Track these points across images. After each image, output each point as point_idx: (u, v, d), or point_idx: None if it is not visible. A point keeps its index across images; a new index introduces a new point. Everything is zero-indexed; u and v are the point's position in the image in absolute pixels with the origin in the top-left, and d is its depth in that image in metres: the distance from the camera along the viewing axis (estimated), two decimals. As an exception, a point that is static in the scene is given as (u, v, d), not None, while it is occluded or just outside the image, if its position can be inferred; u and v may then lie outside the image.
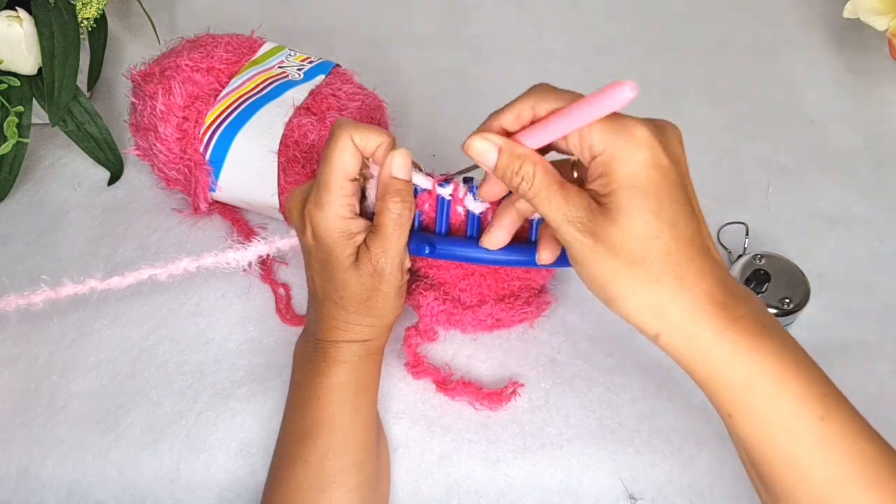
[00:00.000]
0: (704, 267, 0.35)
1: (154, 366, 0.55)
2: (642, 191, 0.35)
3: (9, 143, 0.59)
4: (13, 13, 0.60)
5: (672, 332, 0.36)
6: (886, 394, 0.55)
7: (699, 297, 0.35)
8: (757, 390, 0.35)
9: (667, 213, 0.35)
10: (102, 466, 0.51)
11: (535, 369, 0.55)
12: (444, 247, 0.46)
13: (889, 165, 0.69)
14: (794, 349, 0.36)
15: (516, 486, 0.51)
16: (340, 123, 0.44)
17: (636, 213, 0.35)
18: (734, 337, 0.35)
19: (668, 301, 0.35)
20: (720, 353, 0.35)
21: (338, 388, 0.47)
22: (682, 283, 0.35)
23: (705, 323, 0.35)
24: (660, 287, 0.35)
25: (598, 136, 0.35)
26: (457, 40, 0.79)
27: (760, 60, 0.77)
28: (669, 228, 0.35)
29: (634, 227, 0.35)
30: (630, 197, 0.35)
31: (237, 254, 0.50)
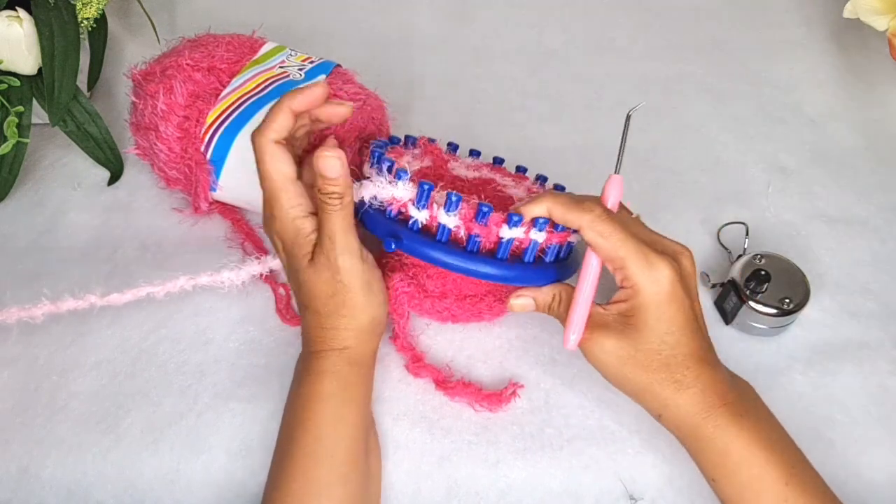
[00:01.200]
0: (700, 372, 0.45)
1: (154, 366, 0.55)
2: (657, 319, 0.44)
3: (9, 143, 0.59)
4: (13, 13, 0.60)
5: (670, 416, 0.46)
6: (886, 394, 0.55)
7: (694, 395, 0.45)
8: (732, 457, 0.44)
9: (673, 336, 0.44)
10: (102, 466, 0.51)
11: (535, 369, 0.55)
12: (412, 244, 0.46)
13: (889, 165, 0.69)
14: (767, 428, 0.45)
15: (516, 487, 0.51)
16: (255, 132, 0.47)
17: (647, 336, 0.44)
18: (718, 419, 0.44)
19: (668, 398, 0.45)
20: (706, 430, 0.44)
21: (322, 398, 0.47)
22: (679, 387, 0.45)
23: (697, 412, 0.45)
24: (662, 389, 0.45)
25: (630, 270, 0.44)
26: (457, 41, 0.79)
27: (760, 60, 0.77)
28: (670, 348, 0.44)
29: (644, 345, 0.45)
30: (644, 325, 0.44)
31: (232, 273, 0.51)
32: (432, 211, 0.46)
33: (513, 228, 0.46)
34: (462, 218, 0.46)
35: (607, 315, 0.46)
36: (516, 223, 0.46)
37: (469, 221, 0.46)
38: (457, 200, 0.45)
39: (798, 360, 0.57)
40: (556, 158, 0.69)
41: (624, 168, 0.69)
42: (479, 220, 0.46)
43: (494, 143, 0.70)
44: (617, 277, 0.46)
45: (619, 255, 0.44)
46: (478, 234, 0.46)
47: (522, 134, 0.71)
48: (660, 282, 0.44)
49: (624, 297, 0.45)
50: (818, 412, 0.54)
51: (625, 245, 0.44)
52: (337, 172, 0.45)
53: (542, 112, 0.73)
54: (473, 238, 0.47)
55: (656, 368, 0.45)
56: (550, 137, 0.71)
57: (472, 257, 0.47)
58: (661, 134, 0.72)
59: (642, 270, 0.44)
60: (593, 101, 0.74)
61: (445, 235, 0.46)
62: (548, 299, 0.49)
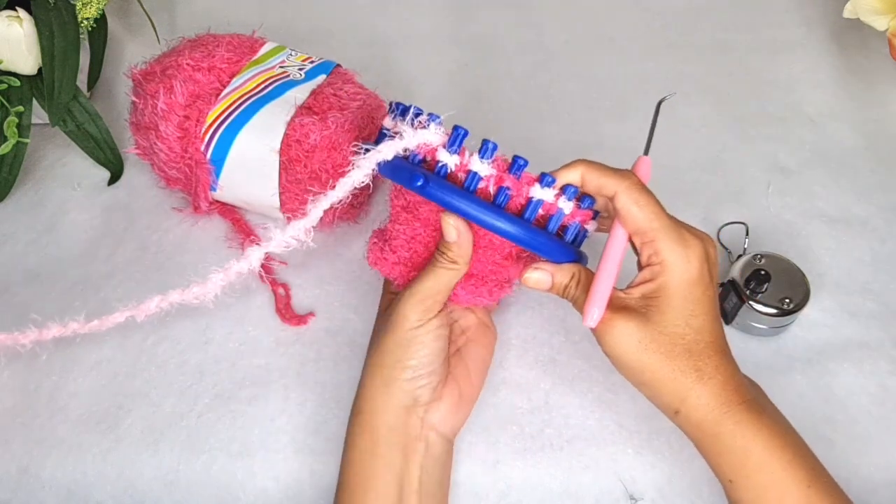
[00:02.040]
0: (721, 363, 0.43)
1: (154, 366, 0.55)
2: (684, 299, 0.43)
3: (9, 143, 0.59)
4: (13, 13, 0.60)
5: (690, 412, 0.43)
6: (886, 394, 0.55)
7: (715, 386, 0.43)
8: (753, 458, 0.42)
9: (698, 320, 0.43)
10: (102, 466, 0.51)
11: (535, 369, 0.55)
12: (438, 187, 0.43)
13: (889, 165, 0.69)
14: (785, 428, 0.43)
15: (516, 488, 0.51)
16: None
17: (672, 319, 0.43)
18: (738, 416, 0.42)
19: (689, 388, 0.43)
20: (725, 427, 0.42)
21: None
22: (701, 376, 0.43)
23: (717, 406, 0.42)
24: (684, 377, 0.43)
25: (662, 244, 0.43)
26: (457, 41, 0.79)
27: (760, 60, 0.77)
28: (695, 332, 0.43)
29: (668, 328, 0.43)
30: (670, 306, 0.43)
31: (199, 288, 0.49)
32: (464, 158, 0.43)
33: (544, 189, 0.44)
34: (496, 167, 0.44)
35: (628, 298, 0.44)
36: (549, 183, 0.44)
37: (502, 171, 0.44)
38: (493, 147, 0.43)
39: (798, 360, 0.57)
40: (556, 158, 0.69)
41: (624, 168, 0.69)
42: (513, 172, 0.44)
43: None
44: (643, 254, 0.44)
45: (652, 227, 0.42)
46: (509, 186, 0.44)
47: (522, 134, 0.71)
48: (690, 260, 0.42)
49: (650, 275, 0.43)
50: (818, 412, 0.54)
51: (659, 218, 0.43)
52: (453, 238, 0.45)
53: (542, 112, 0.73)
54: (504, 190, 0.44)
55: (678, 354, 0.42)
56: (550, 137, 0.71)
57: (501, 211, 0.44)
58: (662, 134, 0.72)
59: (675, 245, 0.42)
60: (593, 100, 0.74)
61: (474, 184, 0.44)
62: (565, 279, 0.46)
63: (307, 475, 0.51)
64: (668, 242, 0.42)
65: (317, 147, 0.56)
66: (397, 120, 0.46)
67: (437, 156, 0.44)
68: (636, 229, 0.43)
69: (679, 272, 0.42)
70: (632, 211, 0.43)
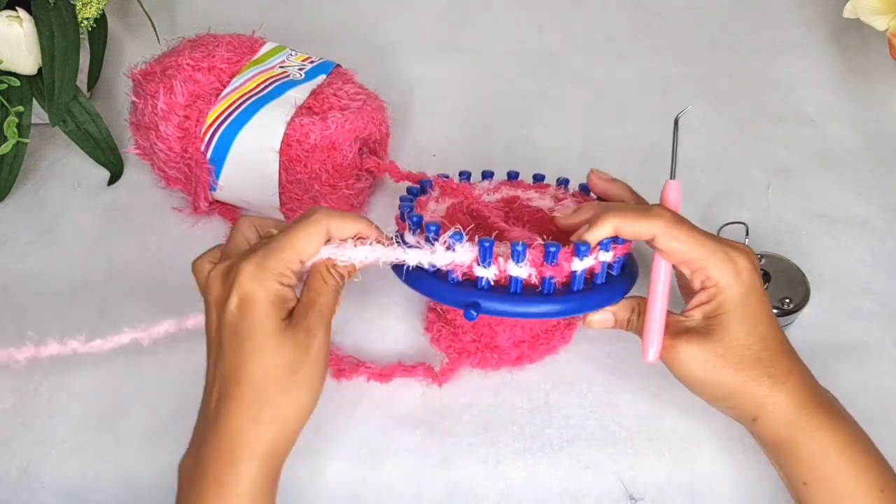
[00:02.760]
0: (791, 366, 0.44)
1: (154, 366, 0.55)
2: (744, 312, 0.44)
3: (9, 143, 0.59)
4: (13, 13, 0.60)
5: (768, 418, 0.43)
6: (886, 394, 0.55)
7: (790, 390, 0.43)
8: (830, 461, 0.42)
9: (761, 328, 0.44)
10: (102, 467, 0.51)
11: (536, 369, 0.55)
12: (492, 306, 0.44)
13: (889, 165, 0.69)
14: (859, 432, 0.44)
15: (516, 488, 0.51)
16: (318, 210, 0.43)
17: (735, 333, 0.43)
18: (816, 419, 0.43)
19: (765, 395, 0.43)
20: (803, 431, 0.43)
21: None
22: (775, 381, 0.43)
23: (795, 409, 0.43)
24: (757, 386, 0.43)
25: (712, 269, 0.44)
26: (457, 40, 0.79)
27: (760, 60, 0.77)
28: (761, 340, 0.44)
29: (734, 342, 0.43)
30: (731, 320, 0.44)
31: None
32: (499, 266, 0.44)
33: (583, 259, 0.44)
34: (533, 264, 0.44)
35: (687, 321, 0.45)
36: (585, 253, 0.44)
37: (540, 266, 0.44)
38: (523, 249, 0.43)
39: (798, 360, 0.57)
40: (556, 158, 0.69)
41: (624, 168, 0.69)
42: (550, 262, 0.44)
43: (494, 143, 0.70)
44: (695, 280, 0.45)
45: (698, 256, 0.43)
46: (552, 275, 0.44)
47: (522, 134, 0.71)
48: (741, 274, 0.43)
49: (706, 297, 0.44)
50: (818, 412, 0.54)
51: (703, 246, 0.43)
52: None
53: (542, 112, 0.73)
54: (548, 281, 0.45)
55: (749, 364, 0.43)
56: (550, 137, 0.71)
57: (556, 300, 0.45)
58: (662, 134, 0.72)
59: (724, 266, 0.43)
60: (593, 101, 0.74)
61: (519, 286, 0.45)
62: (626, 314, 0.47)
63: (307, 475, 0.51)
64: (717, 265, 0.43)
65: (317, 147, 0.56)
66: (417, 236, 0.45)
67: (475, 272, 0.45)
68: (683, 262, 0.44)
69: (734, 289, 0.43)
70: (675, 247, 0.44)
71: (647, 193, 0.66)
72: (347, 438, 0.52)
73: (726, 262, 0.43)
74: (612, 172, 0.68)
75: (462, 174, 0.54)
